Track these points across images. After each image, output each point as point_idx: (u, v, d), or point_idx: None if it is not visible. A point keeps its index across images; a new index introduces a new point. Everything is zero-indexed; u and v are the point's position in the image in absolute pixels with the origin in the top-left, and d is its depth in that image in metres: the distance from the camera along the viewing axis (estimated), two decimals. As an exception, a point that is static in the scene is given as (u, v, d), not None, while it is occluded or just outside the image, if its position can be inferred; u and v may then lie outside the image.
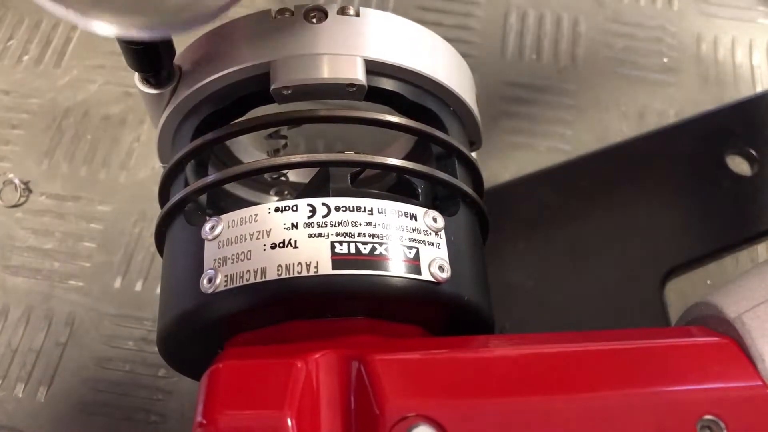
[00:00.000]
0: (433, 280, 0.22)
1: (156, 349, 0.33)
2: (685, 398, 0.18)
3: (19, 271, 0.36)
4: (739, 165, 0.40)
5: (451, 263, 0.23)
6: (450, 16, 0.44)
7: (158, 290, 0.36)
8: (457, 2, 0.45)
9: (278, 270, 0.22)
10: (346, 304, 0.22)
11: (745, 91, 0.43)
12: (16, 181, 0.38)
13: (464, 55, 0.43)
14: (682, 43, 0.45)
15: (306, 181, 0.31)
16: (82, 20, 0.20)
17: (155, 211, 0.37)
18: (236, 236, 0.22)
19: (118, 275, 0.36)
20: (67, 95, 0.41)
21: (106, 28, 0.20)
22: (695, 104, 0.43)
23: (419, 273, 0.22)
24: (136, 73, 0.26)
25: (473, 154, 0.29)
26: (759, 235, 0.39)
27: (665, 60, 0.44)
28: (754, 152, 0.40)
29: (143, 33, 0.20)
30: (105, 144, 0.40)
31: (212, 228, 0.23)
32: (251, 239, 0.22)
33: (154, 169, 0.39)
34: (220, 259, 0.22)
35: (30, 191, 0.38)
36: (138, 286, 0.36)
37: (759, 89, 0.43)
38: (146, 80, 0.26)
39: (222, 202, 0.28)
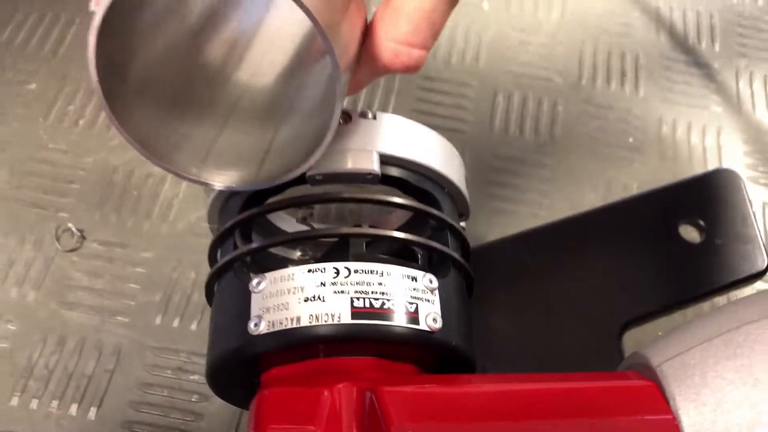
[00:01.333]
0: (428, 329, 0.29)
1: (190, 377, 0.40)
2: (611, 427, 0.25)
3: (74, 307, 0.42)
4: (689, 233, 0.46)
5: (442, 316, 0.29)
6: (447, 96, 0.51)
7: (192, 327, 0.42)
8: (453, 84, 0.52)
9: (310, 318, 0.28)
10: (361, 346, 0.29)
11: (697, 169, 0.49)
12: (73, 229, 0.44)
13: (458, 130, 0.50)
14: (645, 125, 0.51)
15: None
16: (200, 180, 0.29)
17: (191, 259, 0.44)
18: (277, 290, 0.29)
19: (159, 313, 0.42)
20: (116, 155, 0.48)
21: (218, 184, 0.29)
22: (655, 178, 0.48)
23: (418, 324, 0.29)
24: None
25: (462, 224, 0.36)
26: (705, 295, 0.44)
27: (631, 139, 0.50)
28: (702, 223, 0.46)
29: (247, 188, 0.30)
30: (148, 199, 0.46)
31: (258, 283, 0.29)
32: (289, 293, 0.29)
33: (190, 222, 0.45)
34: (264, 308, 0.29)
35: (84, 238, 0.44)
36: (175, 323, 0.42)
37: (709, 167, 0.49)
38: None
39: (258, 257, 0.34)
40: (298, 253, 0.38)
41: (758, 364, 0.26)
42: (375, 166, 0.31)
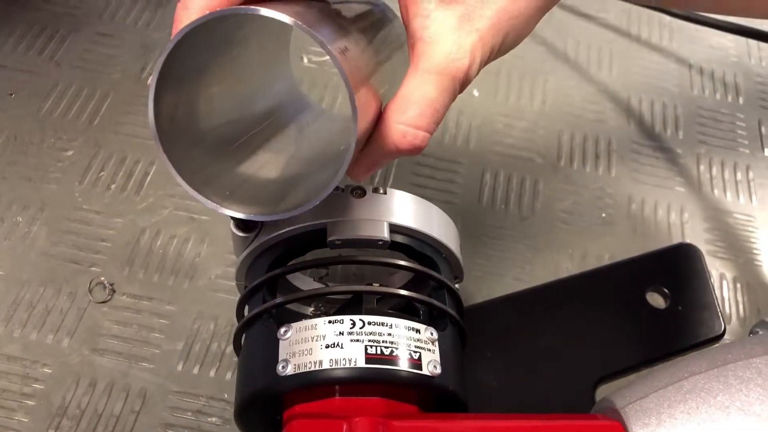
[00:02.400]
0: (429, 374, 0.34)
1: (208, 419, 0.44)
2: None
3: (104, 353, 0.47)
4: (655, 300, 0.51)
5: (441, 364, 0.34)
6: (440, 172, 0.57)
7: (211, 373, 0.46)
8: (446, 161, 0.58)
9: (330, 363, 0.33)
10: (372, 388, 0.34)
11: (663, 242, 0.54)
12: (105, 282, 0.49)
13: (450, 203, 0.56)
14: (617, 202, 0.57)
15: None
16: (219, 209, 0.32)
17: (210, 312, 0.48)
18: (302, 338, 0.34)
19: (181, 360, 0.47)
20: (144, 217, 0.53)
21: (234, 214, 0.33)
22: (625, 250, 0.54)
23: (421, 369, 0.34)
24: (232, 221, 0.38)
25: (457, 286, 0.41)
26: (669, 354, 0.49)
27: (604, 215, 0.56)
28: (667, 291, 0.51)
29: (260, 219, 0.33)
30: (173, 257, 0.51)
31: (285, 332, 0.34)
32: (312, 341, 0.34)
33: (210, 279, 0.50)
34: (290, 353, 0.34)
35: (114, 291, 0.49)
36: (195, 370, 0.46)
37: (674, 242, 0.54)
38: (239, 227, 0.38)
39: (279, 311, 0.39)
40: (311, 309, 0.43)
41: (703, 407, 0.31)
42: (385, 234, 0.37)
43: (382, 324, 0.34)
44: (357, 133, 0.30)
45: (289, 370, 0.33)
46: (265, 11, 0.28)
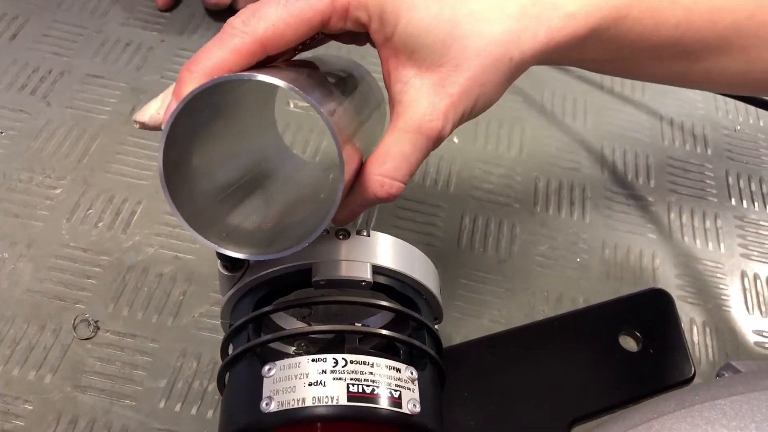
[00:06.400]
0: (409, 413, 0.35)
1: (188, 457, 0.44)
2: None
3: (86, 390, 0.47)
4: (628, 343, 0.53)
5: (420, 402, 0.35)
6: (421, 215, 0.59)
7: (193, 411, 0.47)
8: (427, 205, 0.60)
9: (313, 400, 0.34)
10: (353, 426, 0.35)
11: (635, 287, 0.56)
12: (89, 319, 0.50)
13: (430, 245, 0.57)
14: (591, 247, 0.59)
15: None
16: (218, 249, 0.34)
17: (194, 350, 0.49)
18: (286, 376, 0.35)
19: (163, 398, 0.47)
20: (130, 255, 0.54)
21: (231, 253, 0.34)
22: (599, 294, 0.55)
23: (401, 408, 0.35)
24: (219, 261, 0.39)
25: (436, 326, 0.42)
26: (641, 396, 0.50)
27: (578, 259, 0.58)
28: (639, 334, 0.53)
29: (253, 258, 0.34)
30: (158, 295, 0.52)
31: (269, 370, 0.35)
32: (295, 379, 0.34)
33: (194, 317, 0.51)
34: (274, 390, 0.34)
35: (98, 328, 0.50)
36: (177, 408, 0.47)
37: (646, 286, 0.56)
38: (226, 266, 0.39)
39: (262, 350, 0.40)
40: (293, 348, 0.44)
41: (671, 445, 0.32)
42: (368, 275, 0.38)
43: (364, 363, 0.35)
44: (344, 183, 0.32)
45: (273, 407, 0.34)
46: (265, 77, 0.30)
